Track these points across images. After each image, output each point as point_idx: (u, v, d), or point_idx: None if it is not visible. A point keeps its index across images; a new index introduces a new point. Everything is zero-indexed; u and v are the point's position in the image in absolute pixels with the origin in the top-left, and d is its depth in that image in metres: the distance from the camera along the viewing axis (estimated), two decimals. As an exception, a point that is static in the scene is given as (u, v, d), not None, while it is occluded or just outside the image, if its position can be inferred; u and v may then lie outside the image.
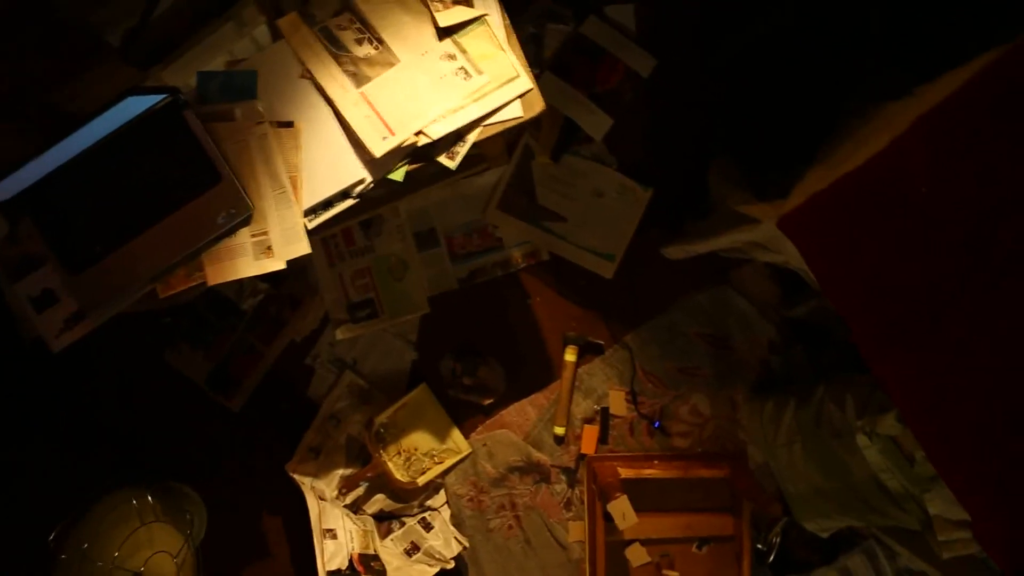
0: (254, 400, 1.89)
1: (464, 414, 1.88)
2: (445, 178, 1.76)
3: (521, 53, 1.37)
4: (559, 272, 1.86)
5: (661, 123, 1.84)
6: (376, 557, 1.70)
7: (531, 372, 1.88)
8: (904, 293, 1.34)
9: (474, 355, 1.86)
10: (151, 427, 1.88)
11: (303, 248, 1.33)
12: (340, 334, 1.86)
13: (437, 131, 1.32)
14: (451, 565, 1.80)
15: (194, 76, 1.33)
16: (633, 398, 1.87)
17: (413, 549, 1.81)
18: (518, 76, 1.36)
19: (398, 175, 1.35)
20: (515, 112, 1.35)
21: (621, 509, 1.64)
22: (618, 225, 1.84)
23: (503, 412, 1.88)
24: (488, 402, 1.86)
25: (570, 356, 1.85)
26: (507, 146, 1.83)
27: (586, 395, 1.87)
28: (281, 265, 1.31)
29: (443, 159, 1.35)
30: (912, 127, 1.32)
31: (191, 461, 1.87)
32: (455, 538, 1.83)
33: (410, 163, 1.36)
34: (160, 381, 1.87)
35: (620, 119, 1.81)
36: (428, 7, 1.35)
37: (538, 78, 1.77)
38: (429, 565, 1.77)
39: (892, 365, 1.36)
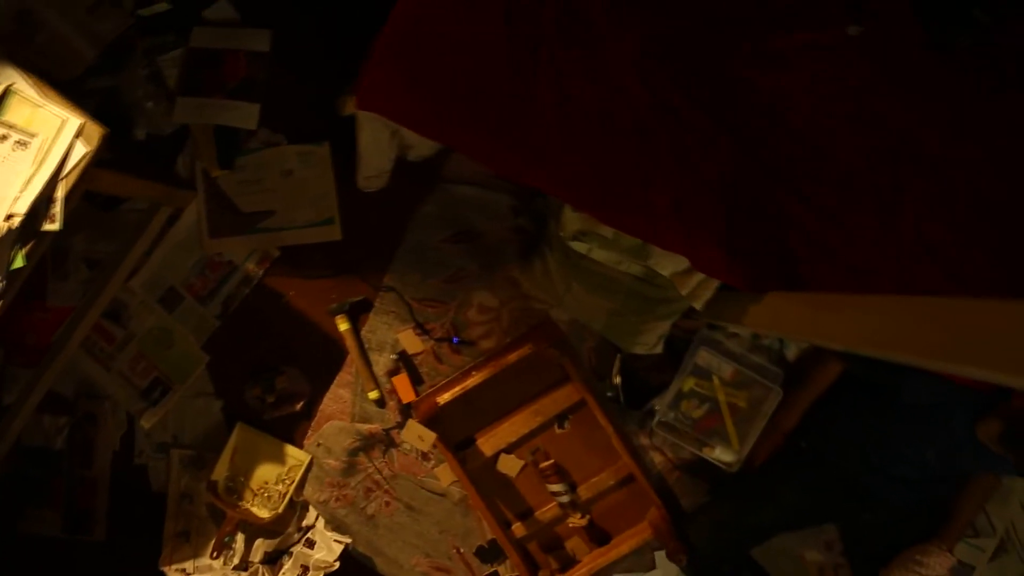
0: (113, 521, 1.97)
1: (289, 428, 1.94)
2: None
3: (60, 98, 1.45)
4: (296, 259, 1.93)
5: (303, 78, 1.90)
6: (258, 596, 1.75)
7: (323, 359, 1.94)
8: (484, 98, 1.36)
9: (266, 372, 1.91)
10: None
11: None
12: (146, 422, 1.94)
13: (23, 207, 1.40)
14: (336, 567, 1.84)
15: None
16: (421, 329, 1.90)
17: (304, 572, 1.86)
18: (67, 120, 1.43)
19: (19, 262, 1.43)
20: (82, 150, 1.43)
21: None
22: (319, 189, 1.90)
23: (321, 407, 1.94)
24: (300, 406, 1.91)
25: (343, 325, 1.89)
26: (183, 180, 1.91)
27: (380, 351, 1.91)
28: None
29: (47, 226, 1.43)
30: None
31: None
32: (334, 540, 1.87)
33: (22, 246, 1.44)
34: (26, 552, 1.96)
35: (266, 99, 1.87)
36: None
37: (172, 110, 1.86)
38: (317, 576, 1.81)
39: (520, 165, 1.38)
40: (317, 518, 1.93)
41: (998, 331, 0.92)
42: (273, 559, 1.93)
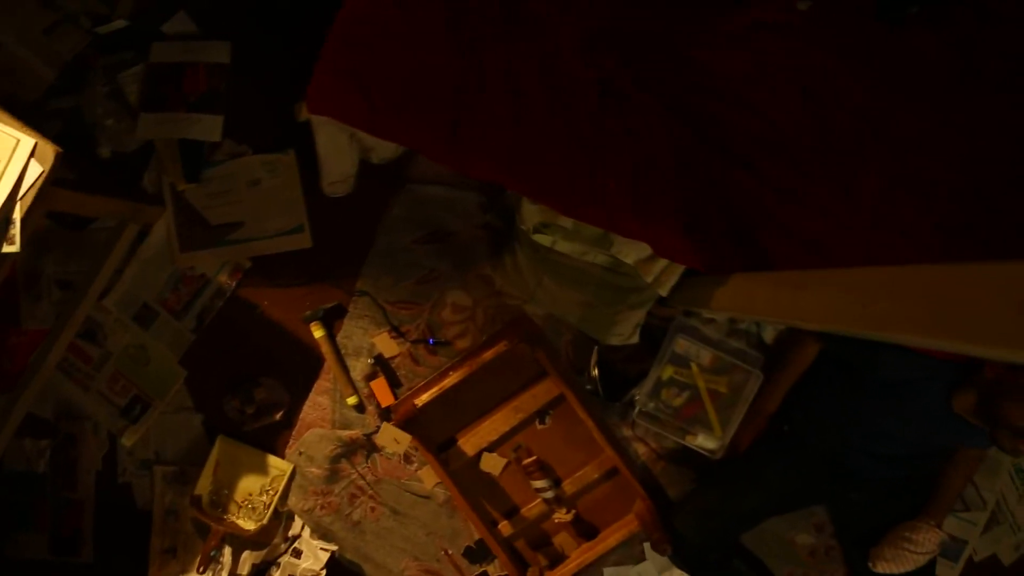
0: (100, 542, 1.96)
1: (270, 438, 1.94)
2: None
3: (11, 119, 1.44)
4: (268, 269, 1.92)
5: (265, 88, 1.90)
6: (244, 608, 1.74)
7: (300, 367, 1.93)
8: (432, 96, 1.35)
9: (244, 383, 1.90)
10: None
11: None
12: (127, 440, 1.93)
13: (-19, 229, 1.39)
14: (323, 574, 1.83)
15: None
16: (397, 332, 1.89)
17: (292, 581, 1.85)
18: (20, 140, 1.43)
19: (-20, 284, 1.43)
20: (36, 171, 1.42)
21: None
22: (287, 197, 1.90)
23: (301, 416, 1.93)
24: (280, 415, 1.90)
25: (318, 332, 1.89)
26: (151, 196, 1.90)
27: (356, 356, 1.91)
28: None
29: (7, 248, 1.42)
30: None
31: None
32: (321, 549, 1.87)
33: (-18, 268, 1.43)
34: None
35: (229, 111, 1.87)
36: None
37: (135, 126, 1.85)
38: (303, 586, 1.80)
39: (474, 160, 1.37)
40: (303, 527, 1.92)
41: (968, 300, 0.90)
42: (261, 571, 1.93)
